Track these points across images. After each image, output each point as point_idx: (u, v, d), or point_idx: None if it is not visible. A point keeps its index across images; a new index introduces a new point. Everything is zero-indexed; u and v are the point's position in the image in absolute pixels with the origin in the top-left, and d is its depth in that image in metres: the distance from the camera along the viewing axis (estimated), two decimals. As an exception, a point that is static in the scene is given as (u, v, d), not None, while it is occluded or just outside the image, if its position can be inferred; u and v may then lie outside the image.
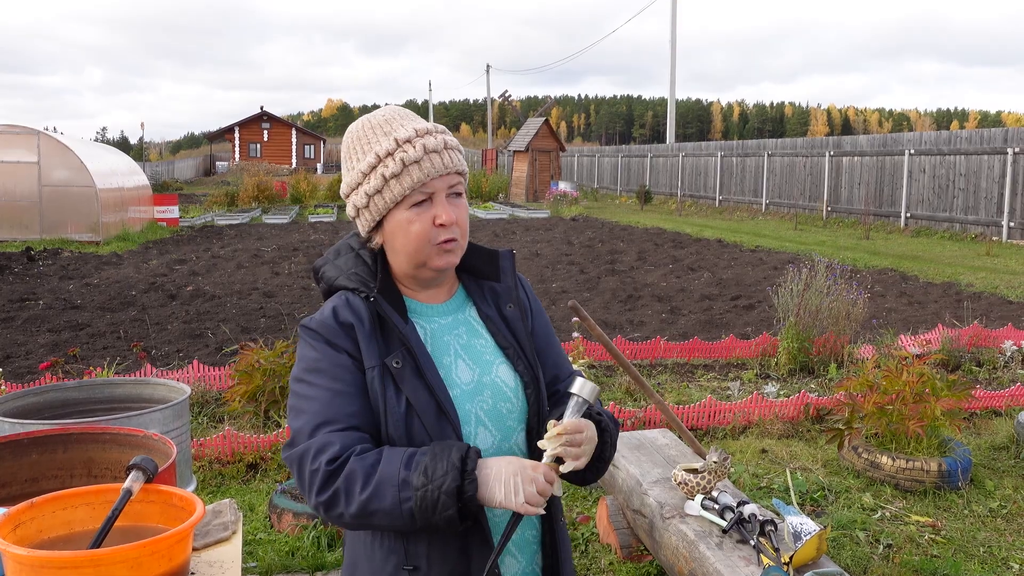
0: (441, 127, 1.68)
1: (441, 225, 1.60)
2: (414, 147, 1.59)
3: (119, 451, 2.41)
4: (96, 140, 50.07)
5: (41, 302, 10.20)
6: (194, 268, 13.31)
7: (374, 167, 1.60)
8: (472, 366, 1.68)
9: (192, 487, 3.24)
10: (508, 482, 1.48)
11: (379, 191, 1.60)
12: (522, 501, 1.47)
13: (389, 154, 1.59)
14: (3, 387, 5.34)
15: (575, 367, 5.81)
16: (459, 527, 1.49)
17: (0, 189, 17.46)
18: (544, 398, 1.72)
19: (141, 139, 67.02)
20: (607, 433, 1.69)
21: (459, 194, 1.66)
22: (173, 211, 21.51)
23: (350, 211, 1.67)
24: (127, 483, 1.81)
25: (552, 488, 1.52)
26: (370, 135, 1.64)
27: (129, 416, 2.82)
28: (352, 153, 1.66)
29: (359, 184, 1.63)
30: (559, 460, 1.56)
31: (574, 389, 1.59)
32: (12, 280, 12.05)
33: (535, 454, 1.64)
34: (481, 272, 1.76)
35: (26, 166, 17.58)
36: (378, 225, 1.65)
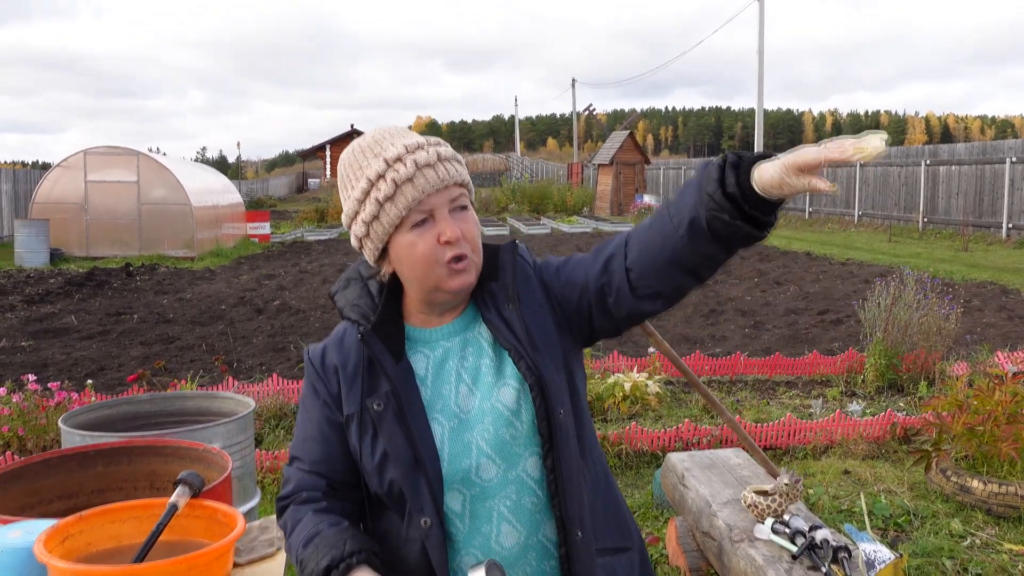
0: (435, 139, 1.58)
1: (447, 242, 1.50)
2: (405, 165, 1.49)
3: (179, 464, 2.45)
4: (196, 160, 51.98)
5: (136, 316, 10.59)
6: (282, 283, 13.64)
7: (367, 192, 1.52)
8: (475, 391, 1.59)
9: (256, 500, 3.28)
10: None
11: (376, 217, 1.51)
12: None
13: (380, 176, 1.50)
14: (93, 398, 5.55)
15: (648, 380, 5.54)
16: None
17: (102, 207, 18.28)
18: (552, 405, 1.54)
19: (238, 158, 69.25)
20: None
21: (464, 207, 1.55)
22: (265, 227, 22.14)
23: (353, 242, 1.60)
24: (173, 498, 1.83)
25: None
26: (360, 159, 1.55)
27: (193, 430, 2.88)
28: (346, 182, 1.58)
29: (356, 213, 1.55)
30: None
31: None
32: (111, 295, 12.56)
33: (546, 481, 1.56)
34: (485, 273, 1.62)
35: (126, 185, 18.36)
36: (384, 253, 1.57)
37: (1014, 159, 19.51)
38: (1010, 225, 19.59)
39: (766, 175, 1.33)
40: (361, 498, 1.64)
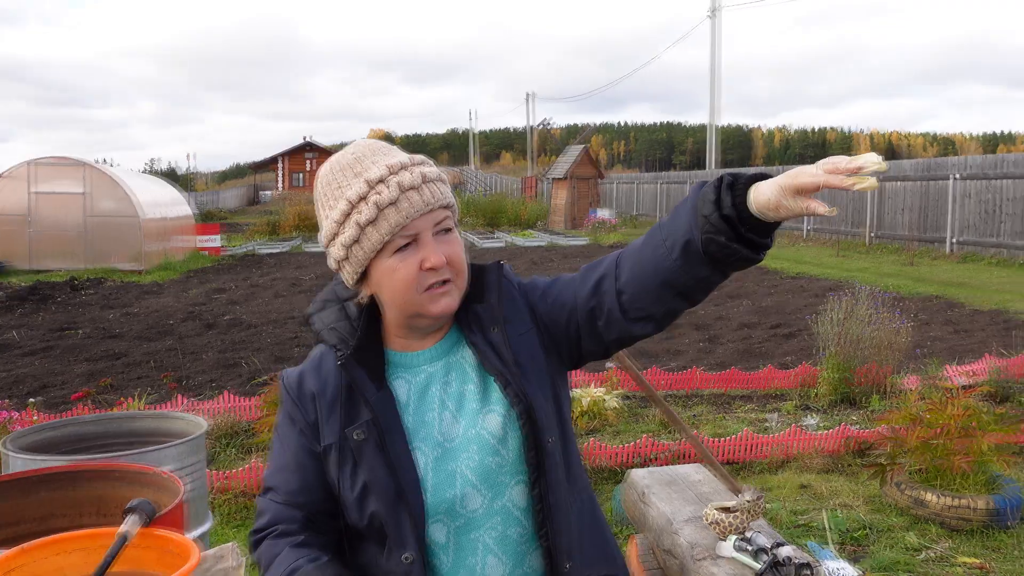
0: (419, 157, 1.51)
1: (430, 268, 1.44)
2: (388, 187, 1.42)
3: (129, 489, 2.36)
4: (145, 171, 51.12)
5: (81, 331, 10.33)
6: (232, 297, 13.43)
7: (347, 215, 1.44)
8: (459, 418, 1.53)
9: (208, 524, 3.18)
10: None
11: (356, 241, 1.44)
12: None
13: (361, 198, 1.43)
14: (36, 418, 5.37)
15: (606, 396, 5.53)
16: None
17: (48, 219, 17.86)
18: (541, 432, 1.50)
19: (188, 169, 68.38)
20: None
21: (448, 229, 1.48)
22: (215, 240, 21.83)
23: (331, 264, 1.53)
24: (123, 527, 1.74)
25: None
26: (339, 178, 1.48)
27: (143, 452, 2.78)
28: (324, 201, 1.50)
29: (335, 235, 1.47)
30: None
31: None
32: (55, 309, 12.24)
33: (532, 510, 1.51)
34: (469, 294, 1.56)
35: (73, 197, 17.96)
36: (363, 276, 1.50)
37: (958, 176, 19.99)
38: (954, 240, 20.05)
39: (763, 197, 1.30)
40: (340, 529, 1.57)
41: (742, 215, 1.32)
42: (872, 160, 1.23)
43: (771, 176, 1.34)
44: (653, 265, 1.42)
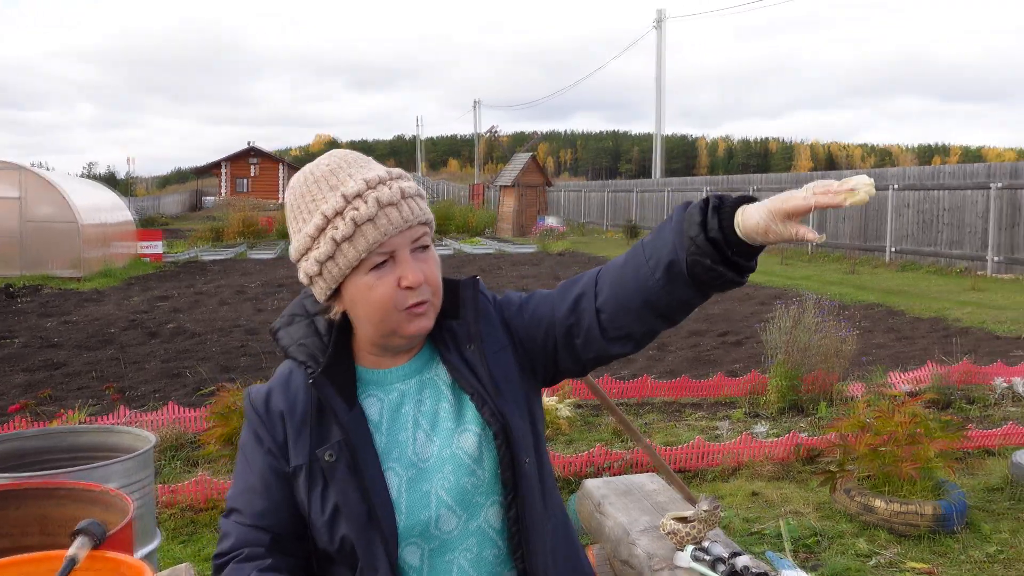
0: (397, 171, 1.47)
1: (408, 287, 1.40)
2: (366, 203, 1.37)
3: (75, 507, 2.27)
4: (83, 175, 49.98)
5: (18, 341, 10.01)
6: (176, 305, 13.15)
7: (322, 230, 1.39)
8: (433, 438, 1.49)
9: (156, 542, 3.08)
10: None
11: (331, 257, 1.39)
12: None
13: (338, 213, 1.38)
14: (-29, 431, 5.18)
15: (558, 404, 5.51)
16: None
17: (-19, 225, 17.29)
18: (518, 453, 1.47)
19: (128, 174, 66.99)
20: None
21: (425, 247, 1.45)
22: (157, 246, 21.36)
23: (303, 278, 1.47)
24: (72, 550, 1.67)
25: None
26: (314, 191, 1.43)
27: (88, 468, 2.68)
28: (297, 214, 1.45)
29: (308, 249, 1.42)
30: None
31: None
32: (-10, 318, 11.85)
33: (513, 519, 1.48)
34: (443, 310, 1.52)
35: (8, 202, 17.41)
36: (336, 292, 1.45)
37: (896, 186, 20.49)
38: (893, 249, 20.54)
39: (751, 220, 1.29)
40: (308, 552, 1.51)
41: (728, 238, 1.31)
42: (864, 182, 1.23)
43: (757, 199, 1.32)
44: (635, 284, 1.40)
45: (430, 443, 1.48)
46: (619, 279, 1.43)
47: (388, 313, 1.41)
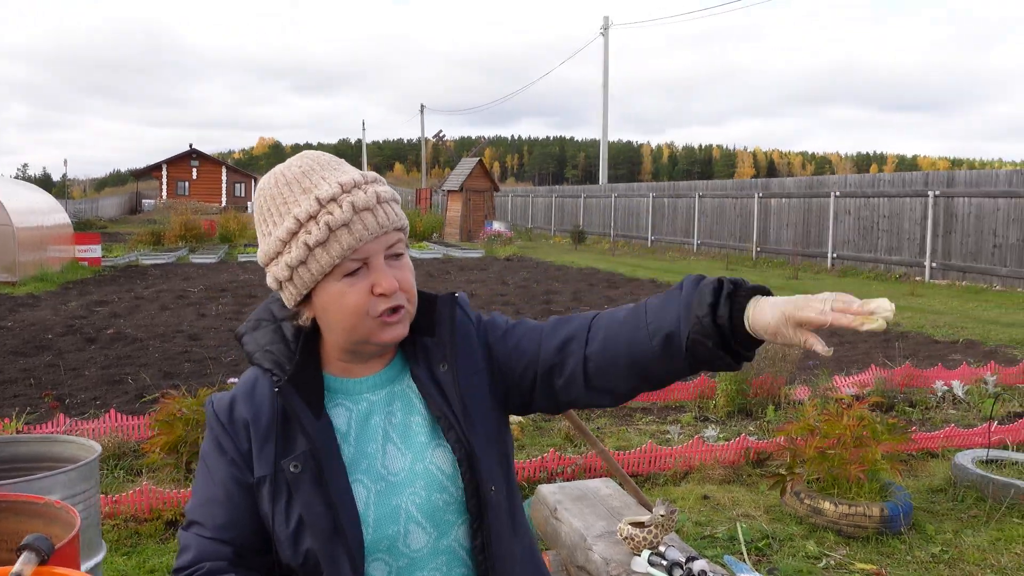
0: (372, 175, 1.42)
1: (382, 294, 1.36)
2: (340, 207, 1.33)
3: (17, 521, 2.18)
4: (16, 177, 48.60)
5: (-51, 347, 9.66)
6: (115, 310, 12.83)
7: (294, 234, 1.35)
8: (404, 451, 1.44)
9: (101, 555, 2.98)
10: None
11: (303, 262, 1.35)
12: None
13: (311, 218, 1.34)
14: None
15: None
16: None
17: (-91, 227, 16.67)
18: (483, 480, 1.43)
19: (64, 176, 65.35)
20: None
21: (399, 254, 1.41)
22: (95, 250, 20.82)
23: (271, 283, 1.42)
24: (17, 567, 1.59)
25: None
26: (286, 193, 1.38)
27: (30, 480, 2.57)
28: (267, 216, 1.40)
29: (279, 254, 1.38)
30: None
31: None
32: (-82, 323, 11.42)
33: (479, 547, 1.44)
34: (418, 325, 1.48)
35: (-63, 204, 16.84)
36: (306, 297, 1.40)
37: (838, 193, 20.93)
38: (834, 255, 20.97)
39: (762, 319, 1.26)
40: (271, 566, 1.46)
41: (736, 328, 1.28)
42: (885, 308, 1.19)
43: (771, 292, 1.30)
44: (629, 344, 1.37)
45: (401, 457, 1.44)
46: (615, 334, 1.39)
47: (361, 320, 1.37)
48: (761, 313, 1.26)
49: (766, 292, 1.30)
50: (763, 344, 1.31)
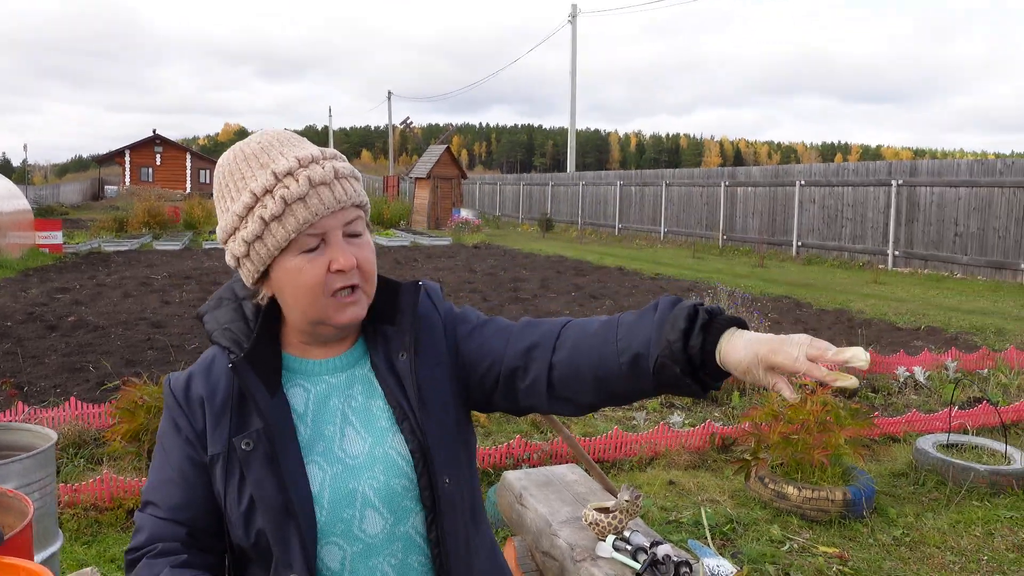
0: (331, 151, 1.40)
1: (339, 271, 1.34)
2: (297, 181, 1.31)
3: (-32, 510, 2.13)
4: (-26, 162, 47.73)
5: (-96, 334, 9.46)
6: (77, 297, 12.63)
7: (251, 208, 1.33)
8: (364, 435, 1.41)
9: (58, 544, 2.92)
10: None
11: (259, 237, 1.33)
12: None
13: (267, 191, 1.32)
14: None
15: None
16: None
17: None
18: (437, 473, 1.41)
19: (24, 162, 64.15)
20: None
21: (358, 233, 1.38)
22: (56, 237, 20.48)
23: (229, 260, 1.40)
24: (-34, 556, 1.56)
25: None
26: (244, 168, 1.36)
27: (-17, 468, 2.52)
28: (224, 192, 1.38)
29: (236, 229, 1.36)
30: None
31: None
32: None
33: (435, 540, 1.42)
34: (380, 312, 1.46)
35: None
36: (264, 275, 1.38)
37: (803, 182, 21.11)
38: (799, 243, 21.17)
39: (734, 356, 1.23)
40: (225, 549, 1.44)
41: (705, 358, 1.26)
42: (860, 357, 1.16)
43: (746, 324, 1.28)
44: (597, 358, 1.35)
45: (360, 440, 1.41)
46: (583, 346, 1.38)
47: (316, 298, 1.35)
48: (734, 350, 1.24)
49: (742, 324, 1.28)
50: (729, 376, 1.28)
